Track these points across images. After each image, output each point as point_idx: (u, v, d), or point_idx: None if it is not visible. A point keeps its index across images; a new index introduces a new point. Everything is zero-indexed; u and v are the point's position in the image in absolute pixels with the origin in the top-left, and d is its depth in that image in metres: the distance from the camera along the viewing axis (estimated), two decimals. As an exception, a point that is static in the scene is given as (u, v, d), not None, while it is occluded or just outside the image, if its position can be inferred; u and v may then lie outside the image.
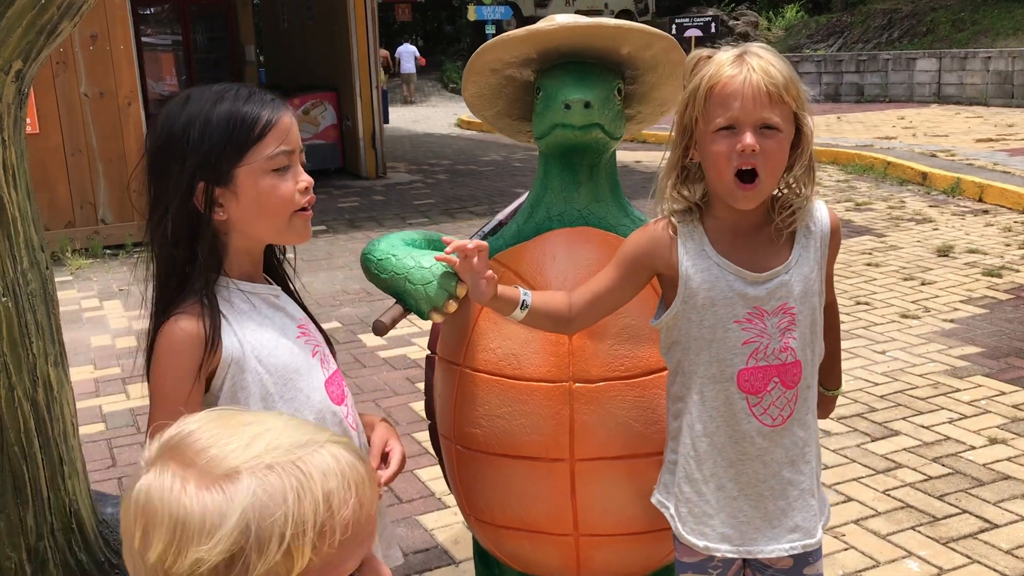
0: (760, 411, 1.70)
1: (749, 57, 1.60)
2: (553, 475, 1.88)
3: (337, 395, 1.61)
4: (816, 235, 1.72)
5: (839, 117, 15.03)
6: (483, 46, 1.88)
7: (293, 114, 1.55)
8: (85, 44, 7.56)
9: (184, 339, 1.46)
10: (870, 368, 4.54)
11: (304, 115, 11.45)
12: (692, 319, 1.69)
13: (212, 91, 1.52)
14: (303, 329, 1.61)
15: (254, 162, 1.48)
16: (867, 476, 3.45)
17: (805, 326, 1.71)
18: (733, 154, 1.59)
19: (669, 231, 1.71)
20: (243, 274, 1.57)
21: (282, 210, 1.51)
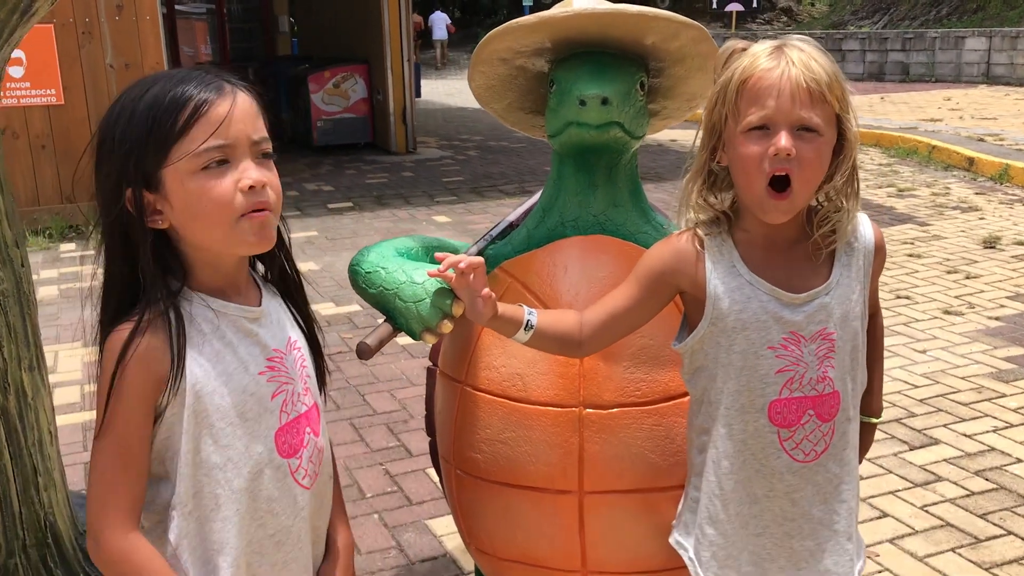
0: (792, 445, 1.53)
1: (788, 49, 1.42)
2: (560, 508, 1.71)
3: (291, 445, 1.40)
4: (859, 252, 1.54)
5: (883, 97, 14.61)
6: (490, 33, 1.70)
7: (251, 98, 1.34)
8: (111, 14, 7.45)
9: (137, 360, 1.27)
10: (909, 368, 4.32)
11: (335, 88, 11.31)
12: (720, 343, 1.52)
13: (152, 76, 1.33)
14: (273, 363, 1.39)
15: (179, 160, 1.27)
16: (904, 489, 3.25)
17: (845, 353, 1.53)
18: (765, 157, 1.41)
19: (695, 244, 1.54)
20: (211, 289, 1.37)
21: (219, 216, 1.28)
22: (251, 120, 1.31)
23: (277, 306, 1.46)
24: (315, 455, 1.44)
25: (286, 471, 1.39)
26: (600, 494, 1.70)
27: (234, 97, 1.30)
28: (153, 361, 1.28)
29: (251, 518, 1.36)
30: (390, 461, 3.52)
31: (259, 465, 1.36)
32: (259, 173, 1.29)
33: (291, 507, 1.40)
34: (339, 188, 9.08)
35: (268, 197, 1.31)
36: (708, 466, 1.57)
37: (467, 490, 1.83)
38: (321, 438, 1.47)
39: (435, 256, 1.49)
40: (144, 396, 1.28)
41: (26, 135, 7.26)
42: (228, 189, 1.27)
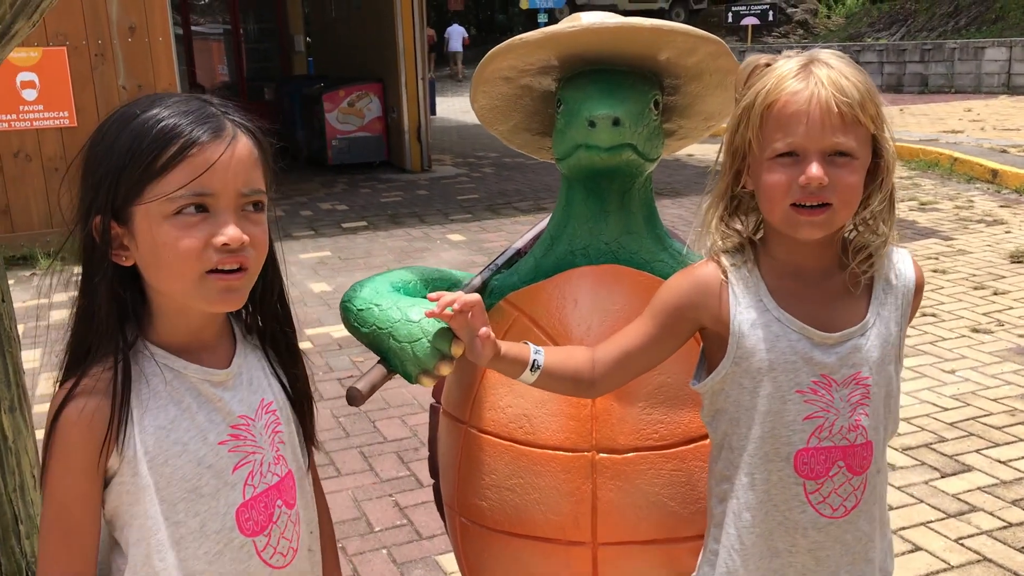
0: (818, 499, 1.39)
1: (817, 68, 1.30)
2: (572, 560, 1.59)
3: (257, 523, 1.25)
4: (899, 290, 1.41)
5: (901, 109, 14.44)
6: (492, 51, 1.58)
7: (252, 144, 1.20)
8: (123, 36, 7.42)
9: (77, 422, 1.14)
10: (938, 390, 4.17)
11: (349, 107, 11.26)
12: (744, 385, 1.39)
13: (152, 98, 1.20)
14: (239, 431, 1.25)
15: (152, 200, 1.14)
16: (937, 520, 3.10)
17: (879, 400, 1.40)
18: (794, 186, 1.29)
19: (718, 275, 1.41)
20: (173, 343, 1.23)
21: (182, 270, 1.15)
22: (245, 170, 1.18)
23: (253, 363, 1.31)
24: (289, 530, 1.30)
25: (251, 551, 1.25)
26: (615, 545, 1.57)
27: (232, 142, 1.17)
28: (97, 423, 1.15)
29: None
30: (400, 492, 3.40)
31: (217, 545, 1.22)
32: (238, 231, 1.15)
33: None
34: (353, 207, 9.01)
35: (246, 256, 1.18)
36: (728, 517, 1.44)
37: (472, 540, 1.70)
38: (298, 509, 1.32)
39: (428, 296, 1.37)
40: (86, 462, 1.16)
41: (39, 158, 7.23)
42: (197, 244, 1.14)
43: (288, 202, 9.36)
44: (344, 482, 3.51)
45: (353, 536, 3.12)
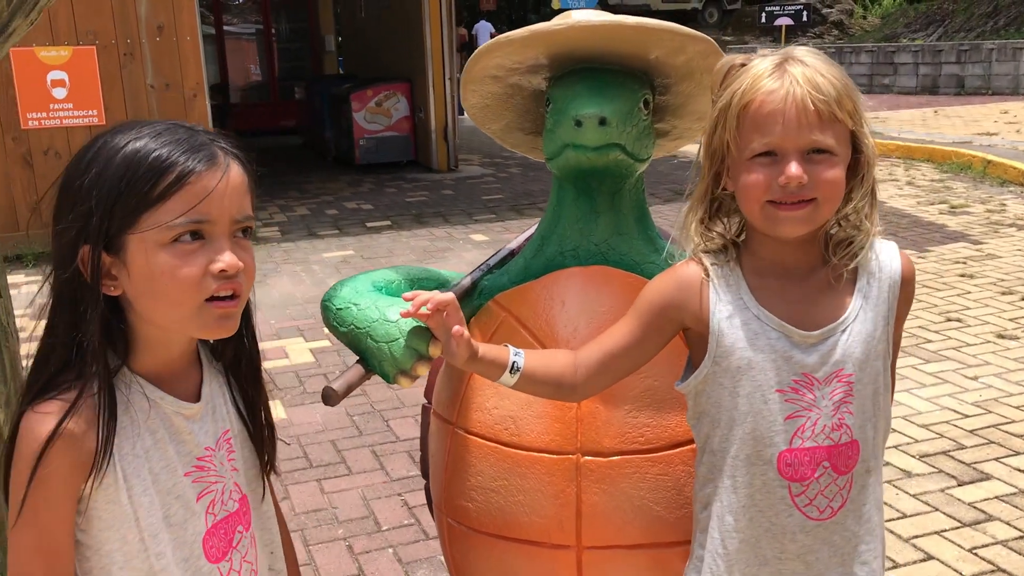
0: (804, 502, 1.37)
1: (791, 66, 1.28)
2: (557, 564, 1.57)
3: (219, 549, 1.26)
4: (883, 282, 1.38)
5: (936, 111, 14.24)
6: (479, 49, 1.57)
7: (243, 172, 1.20)
8: (152, 35, 7.50)
9: (64, 448, 1.12)
10: (959, 396, 4.10)
11: (377, 106, 11.30)
12: (724, 385, 1.37)
13: (137, 125, 1.19)
14: (203, 463, 1.25)
15: (149, 229, 1.13)
16: (952, 529, 3.05)
17: (865, 397, 1.36)
18: (774, 185, 1.28)
19: (700, 275, 1.39)
20: (152, 372, 1.22)
21: (180, 297, 1.15)
22: (238, 197, 1.19)
23: (217, 390, 1.31)
24: (251, 554, 1.31)
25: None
26: (600, 549, 1.56)
27: (226, 170, 1.17)
28: (81, 448, 1.14)
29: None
30: (409, 492, 3.40)
31: (186, 573, 1.23)
32: (234, 257, 1.16)
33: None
34: (378, 206, 9.04)
35: (239, 282, 1.18)
36: (712, 522, 1.42)
37: (459, 541, 1.69)
38: (254, 532, 1.33)
39: (403, 296, 1.36)
40: (73, 487, 1.15)
41: (68, 155, 7.27)
42: (197, 271, 1.15)
43: (315, 201, 9.42)
44: (355, 480, 3.52)
45: (360, 535, 3.13)
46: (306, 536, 3.12)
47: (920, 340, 4.80)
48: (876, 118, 13.47)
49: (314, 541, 3.09)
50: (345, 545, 3.07)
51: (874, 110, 14.74)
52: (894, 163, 10.37)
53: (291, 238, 7.80)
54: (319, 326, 5.33)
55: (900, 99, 16.56)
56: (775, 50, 1.34)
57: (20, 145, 7.18)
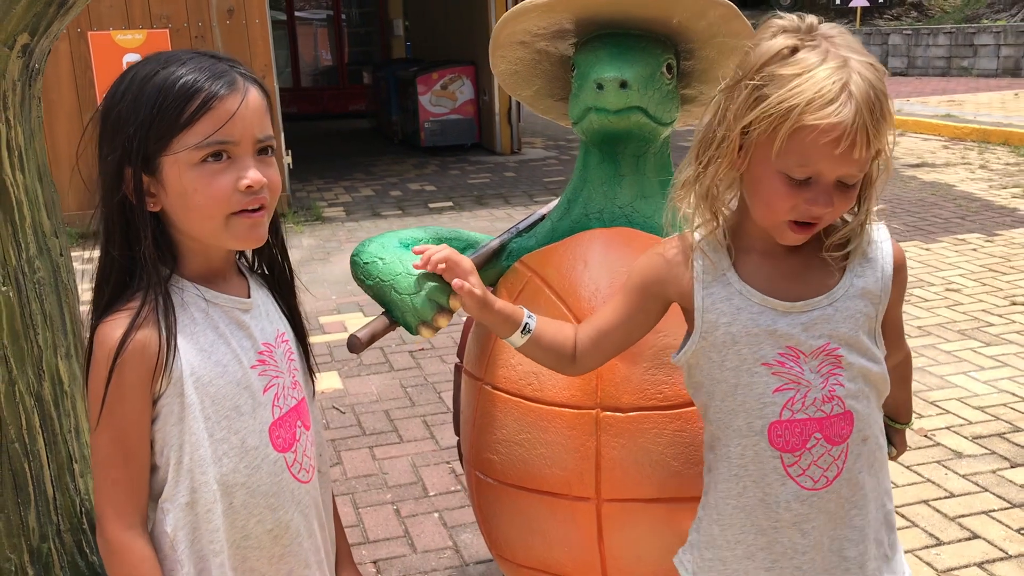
0: (798, 472, 1.36)
1: (853, 85, 1.21)
2: (577, 515, 1.62)
3: (285, 440, 1.38)
4: (877, 266, 1.37)
5: (1016, 94, 13.78)
6: (506, 15, 1.62)
7: (261, 95, 1.30)
8: (222, 18, 7.70)
9: (132, 352, 1.24)
10: (1019, 380, 4.02)
11: (442, 89, 11.39)
12: (712, 359, 1.38)
13: (164, 57, 1.29)
14: (264, 356, 1.37)
15: (180, 151, 1.24)
16: (1000, 510, 3.01)
17: (856, 371, 1.36)
18: (800, 205, 1.26)
19: (686, 250, 1.39)
20: (200, 277, 1.34)
21: (211, 211, 1.26)
22: (258, 118, 1.29)
23: (265, 297, 1.42)
24: (309, 449, 1.42)
25: (282, 465, 1.37)
26: (619, 502, 1.60)
27: (245, 93, 1.27)
28: (148, 352, 1.25)
29: (248, 513, 1.34)
30: (456, 460, 3.47)
31: (256, 460, 1.33)
32: (259, 173, 1.27)
33: (289, 502, 1.38)
34: (441, 188, 9.14)
35: (265, 196, 1.29)
36: (710, 486, 1.45)
37: (485, 493, 1.76)
38: (312, 432, 1.44)
39: (413, 250, 1.43)
40: (142, 389, 1.26)
41: (142, 136, 7.56)
42: (226, 187, 1.25)
43: (380, 183, 9.56)
44: (405, 448, 3.61)
45: (408, 499, 3.21)
46: (356, 499, 3.22)
47: (982, 323, 4.71)
48: (952, 101, 13.12)
49: (363, 504, 3.19)
50: (393, 509, 3.16)
51: (950, 92, 14.35)
52: (968, 147, 10.10)
53: (355, 218, 7.94)
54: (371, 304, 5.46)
55: (980, 82, 16.06)
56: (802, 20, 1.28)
57: (97, 126, 7.45)
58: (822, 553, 1.39)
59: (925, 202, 7.47)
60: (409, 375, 4.33)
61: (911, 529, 2.90)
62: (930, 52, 18.31)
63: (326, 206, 8.42)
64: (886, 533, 1.45)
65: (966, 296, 5.14)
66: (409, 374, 4.34)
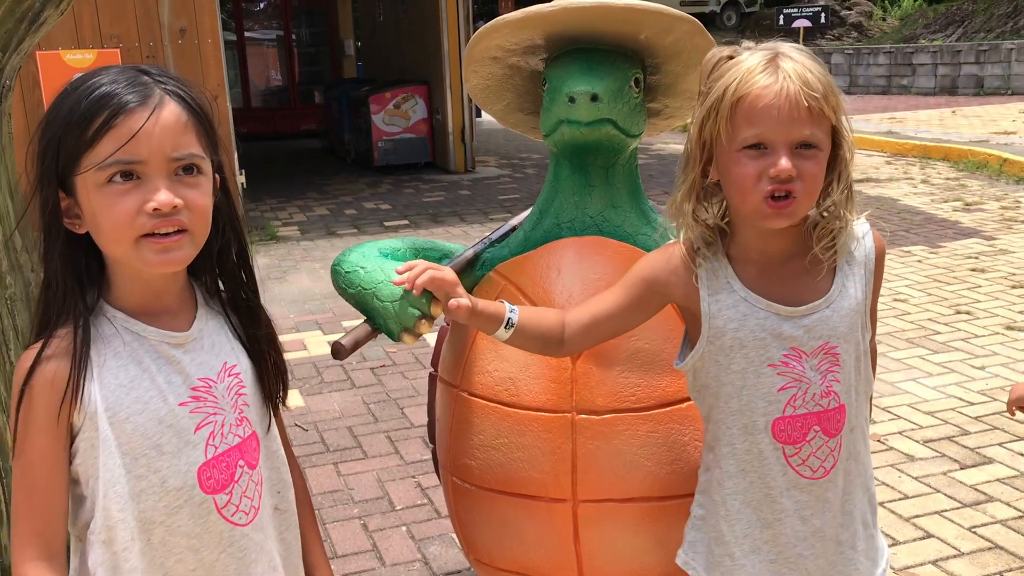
0: (798, 462, 1.46)
1: (783, 61, 1.34)
2: (554, 517, 1.66)
3: (217, 481, 1.29)
4: (861, 262, 1.47)
5: (954, 111, 14.21)
6: (479, 31, 1.67)
7: (181, 109, 1.21)
8: (174, 37, 7.66)
9: (40, 383, 1.19)
10: (966, 385, 4.15)
11: (395, 109, 11.43)
12: (720, 362, 1.45)
13: (96, 71, 1.21)
14: (199, 393, 1.28)
15: (85, 171, 1.17)
16: (952, 509, 3.11)
17: (850, 366, 1.46)
18: (764, 178, 1.34)
19: (688, 258, 1.47)
20: (134, 305, 1.26)
21: (117, 235, 1.19)
22: (172, 135, 1.19)
23: (216, 327, 1.34)
24: (251, 490, 1.33)
25: (210, 507, 1.29)
26: (595, 503, 1.65)
27: (157, 107, 1.19)
28: (57, 384, 1.20)
29: (167, 551, 1.27)
30: (422, 474, 3.49)
31: (177, 501, 1.26)
32: (169, 195, 1.18)
33: (214, 543, 1.30)
34: (396, 207, 9.16)
35: (182, 219, 1.20)
36: (712, 485, 1.51)
37: (462, 498, 1.79)
38: (261, 470, 1.35)
39: (396, 271, 1.47)
40: (49, 420, 1.21)
41: (93, 156, 7.48)
42: (129, 209, 1.18)
43: (334, 202, 9.55)
44: (370, 464, 3.62)
45: (375, 513, 3.23)
46: (322, 515, 3.22)
47: (929, 332, 4.85)
48: (893, 119, 13.48)
49: (330, 520, 3.19)
50: (360, 523, 3.17)
51: (891, 110, 14.74)
52: (910, 162, 10.39)
53: (310, 237, 7.93)
54: (336, 320, 5.45)
55: (919, 100, 16.53)
56: (759, 44, 1.41)
57: (46, 146, 7.36)
58: (821, 540, 1.47)
59: (871, 216, 7.64)
60: (371, 391, 4.34)
61: (868, 530, 2.99)
62: (871, 71, 18.81)
63: (280, 225, 8.39)
64: (871, 514, 1.54)
65: (913, 306, 5.29)
66: (371, 390, 4.35)
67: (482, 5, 22.63)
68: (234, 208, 1.34)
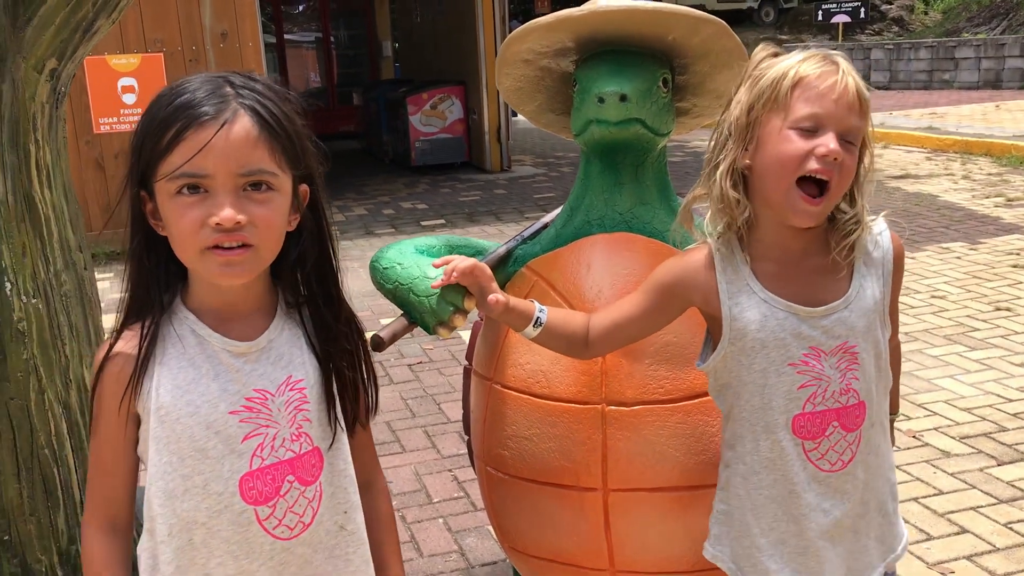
0: (817, 456, 1.50)
1: (838, 59, 1.41)
2: (585, 505, 1.71)
3: (260, 493, 1.29)
4: (878, 262, 1.50)
5: (997, 106, 14.01)
6: (512, 35, 1.73)
7: (254, 123, 1.20)
8: (216, 42, 7.81)
9: (108, 373, 1.27)
10: (1004, 382, 4.13)
11: (432, 109, 11.52)
12: (742, 362, 1.49)
13: (187, 76, 1.25)
14: (252, 404, 1.28)
15: (161, 178, 1.19)
16: (988, 505, 3.11)
17: (869, 364, 1.50)
18: (810, 156, 1.37)
19: (708, 260, 1.51)
20: (207, 309, 1.29)
21: (184, 245, 1.21)
22: (240, 151, 1.19)
23: (290, 339, 1.34)
24: (300, 505, 1.32)
25: (251, 518, 1.29)
26: (625, 492, 1.70)
27: (228, 122, 1.18)
28: (122, 376, 1.26)
29: (208, 552, 1.29)
30: (459, 468, 3.56)
31: (217, 505, 1.28)
32: (231, 211, 1.18)
33: (254, 554, 1.30)
34: (433, 206, 9.25)
35: (246, 235, 1.20)
36: (735, 480, 1.55)
37: (497, 487, 1.85)
38: (322, 487, 1.34)
39: (433, 264, 1.52)
40: (113, 409, 1.27)
41: (137, 159, 7.65)
42: (194, 222, 1.18)
43: (372, 202, 9.66)
44: (407, 458, 3.69)
45: (412, 506, 3.29)
46: (362, 507, 3.29)
47: (967, 328, 4.83)
48: (934, 114, 13.32)
49: (369, 512, 3.27)
50: (399, 515, 3.24)
51: (932, 105, 14.56)
52: (950, 158, 10.27)
53: (349, 236, 8.03)
54: (374, 318, 5.54)
55: (961, 95, 16.29)
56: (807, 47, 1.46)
57: (93, 149, 7.53)
58: (840, 530, 1.51)
59: (910, 212, 7.61)
60: (409, 387, 4.41)
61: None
62: (912, 66, 18.56)
63: (320, 225, 8.50)
64: (891, 502, 1.58)
65: (951, 302, 5.26)
66: (409, 386, 4.43)
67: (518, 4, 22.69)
68: (320, 224, 1.34)
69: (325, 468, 1.34)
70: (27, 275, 1.82)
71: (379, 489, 1.48)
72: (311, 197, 1.32)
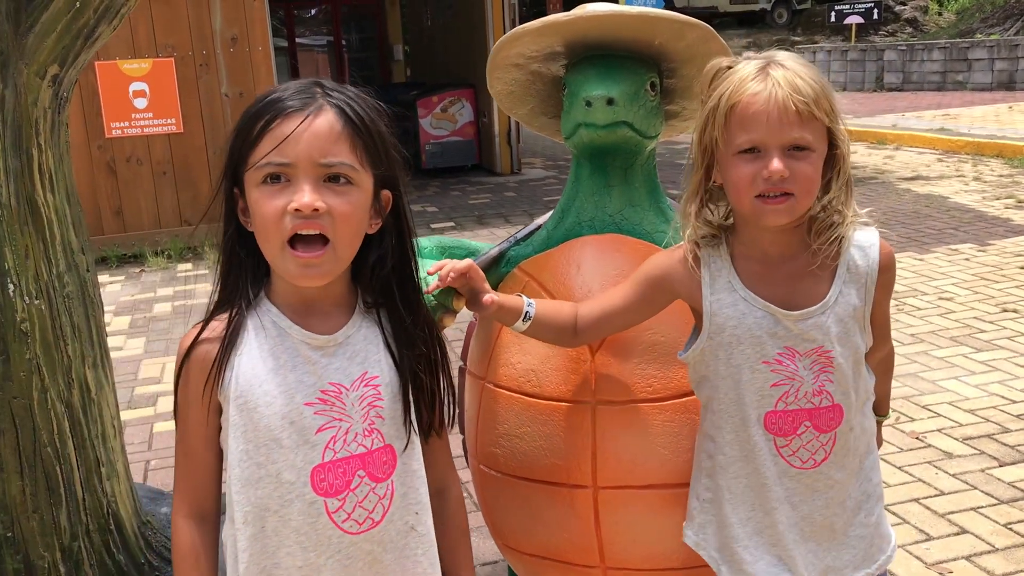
0: (788, 452, 1.54)
1: (773, 69, 1.41)
2: (576, 502, 1.74)
3: (331, 485, 1.32)
4: (863, 271, 1.52)
5: (1011, 107, 13.95)
6: (501, 39, 1.76)
7: (338, 118, 1.25)
8: (226, 46, 7.87)
9: (193, 361, 1.32)
10: (1009, 384, 4.13)
11: (442, 112, 11.57)
12: (719, 356, 1.54)
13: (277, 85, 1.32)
14: (327, 397, 1.32)
15: (249, 168, 1.25)
16: (988, 506, 3.11)
17: (846, 370, 1.52)
18: (758, 179, 1.41)
19: (693, 259, 1.55)
20: (290, 303, 1.33)
21: (267, 235, 1.26)
22: (323, 141, 1.23)
23: (368, 336, 1.37)
24: (370, 501, 1.34)
25: (320, 509, 1.32)
26: (614, 489, 1.72)
27: (313, 113, 1.24)
28: (206, 364, 1.31)
29: (279, 541, 1.33)
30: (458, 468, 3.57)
31: (289, 494, 1.31)
32: (312, 197, 1.22)
33: (323, 546, 1.33)
34: (443, 208, 9.29)
35: (323, 224, 1.23)
36: (716, 471, 1.59)
37: (489, 485, 1.88)
38: (394, 485, 1.35)
39: (428, 271, 1.56)
40: (197, 395, 1.32)
41: (149, 162, 7.72)
42: (276, 208, 1.23)
43: (382, 204, 9.72)
44: (412, 459, 3.72)
45: (415, 506, 3.32)
46: (365, 507, 3.32)
47: (974, 330, 4.82)
48: (946, 115, 13.28)
49: (372, 512, 3.29)
50: (401, 515, 3.26)
51: (944, 107, 14.51)
52: (962, 159, 10.24)
53: (358, 239, 8.07)
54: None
55: (974, 96, 16.22)
56: (758, 53, 1.48)
57: (104, 153, 7.60)
58: (811, 525, 1.54)
59: (919, 214, 7.60)
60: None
61: (902, 526, 3.00)
62: (925, 67, 18.50)
63: (330, 228, 8.55)
64: (876, 505, 1.61)
65: (958, 304, 5.25)
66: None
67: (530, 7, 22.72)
68: (402, 227, 1.39)
69: (398, 467, 1.36)
70: (30, 277, 1.86)
71: (454, 496, 1.53)
72: (393, 204, 1.38)
